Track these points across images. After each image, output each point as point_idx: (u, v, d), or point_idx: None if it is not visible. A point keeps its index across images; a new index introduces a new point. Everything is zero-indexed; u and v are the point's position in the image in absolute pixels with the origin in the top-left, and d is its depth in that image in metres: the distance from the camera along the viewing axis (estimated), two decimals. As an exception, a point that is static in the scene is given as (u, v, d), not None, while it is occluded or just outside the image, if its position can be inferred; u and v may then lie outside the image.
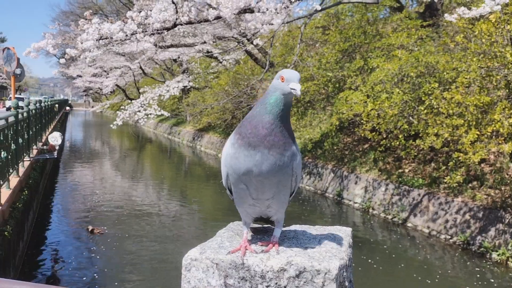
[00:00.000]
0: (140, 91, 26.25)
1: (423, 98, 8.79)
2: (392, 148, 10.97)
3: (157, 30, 6.57)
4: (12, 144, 7.12)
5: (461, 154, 7.27)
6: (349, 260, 1.33)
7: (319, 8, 9.31)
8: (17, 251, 6.32)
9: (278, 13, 7.03)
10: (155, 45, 14.69)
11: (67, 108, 48.41)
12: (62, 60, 8.50)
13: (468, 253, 8.03)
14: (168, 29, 7.19)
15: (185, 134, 27.70)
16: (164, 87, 22.72)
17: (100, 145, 27.95)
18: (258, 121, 1.21)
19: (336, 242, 1.40)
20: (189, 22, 7.15)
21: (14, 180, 7.21)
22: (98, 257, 7.53)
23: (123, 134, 34.04)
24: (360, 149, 12.91)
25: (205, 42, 16.69)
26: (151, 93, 21.72)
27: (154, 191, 13.83)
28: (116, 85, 38.54)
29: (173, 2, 6.44)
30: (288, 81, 1.20)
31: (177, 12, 6.85)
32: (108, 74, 35.79)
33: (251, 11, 7.23)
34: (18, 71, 11.11)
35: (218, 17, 7.16)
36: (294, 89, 1.19)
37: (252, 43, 14.58)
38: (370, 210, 10.74)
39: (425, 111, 8.80)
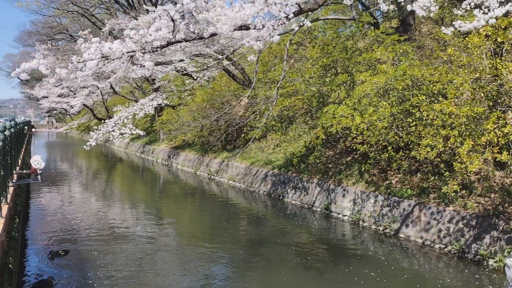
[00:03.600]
0: (113, 110, 25.72)
1: (412, 111, 8.98)
2: (376, 160, 11.11)
3: (156, 48, 6.46)
4: (1, 170, 6.78)
5: (458, 164, 7.43)
6: None
7: (301, 24, 9.43)
8: None
9: (275, 29, 7.06)
10: (133, 64, 14.45)
11: (33, 130, 46.86)
12: (24, 75, 7.78)
13: (464, 261, 8.16)
14: (163, 46, 7.09)
15: (160, 152, 27.24)
16: (138, 106, 22.38)
17: (69, 167, 27.08)
18: None
19: None
20: (185, 40, 7.08)
21: (4, 207, 6.84)
22: (72, 283, 7.28)
23: (92, 154, 33.17)
24: (344, 162, 13.02)
25: (182, 60, 16.60)
26: (125, 112, 21.31)
27: (131, 212, 13.41)
28: (84, 104, 37.70)
29: (172, 20, 6.36)
30: None
31: (173, 30, 6.77)
32: (75, 94, 34.98)
33: (247, 28, 7.25)
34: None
35: (213, 34, 7.14)
36: None
37: (230, 60, 14.59)
38: (360, 222, 10.80)
39: (414, 123, 8.99)
